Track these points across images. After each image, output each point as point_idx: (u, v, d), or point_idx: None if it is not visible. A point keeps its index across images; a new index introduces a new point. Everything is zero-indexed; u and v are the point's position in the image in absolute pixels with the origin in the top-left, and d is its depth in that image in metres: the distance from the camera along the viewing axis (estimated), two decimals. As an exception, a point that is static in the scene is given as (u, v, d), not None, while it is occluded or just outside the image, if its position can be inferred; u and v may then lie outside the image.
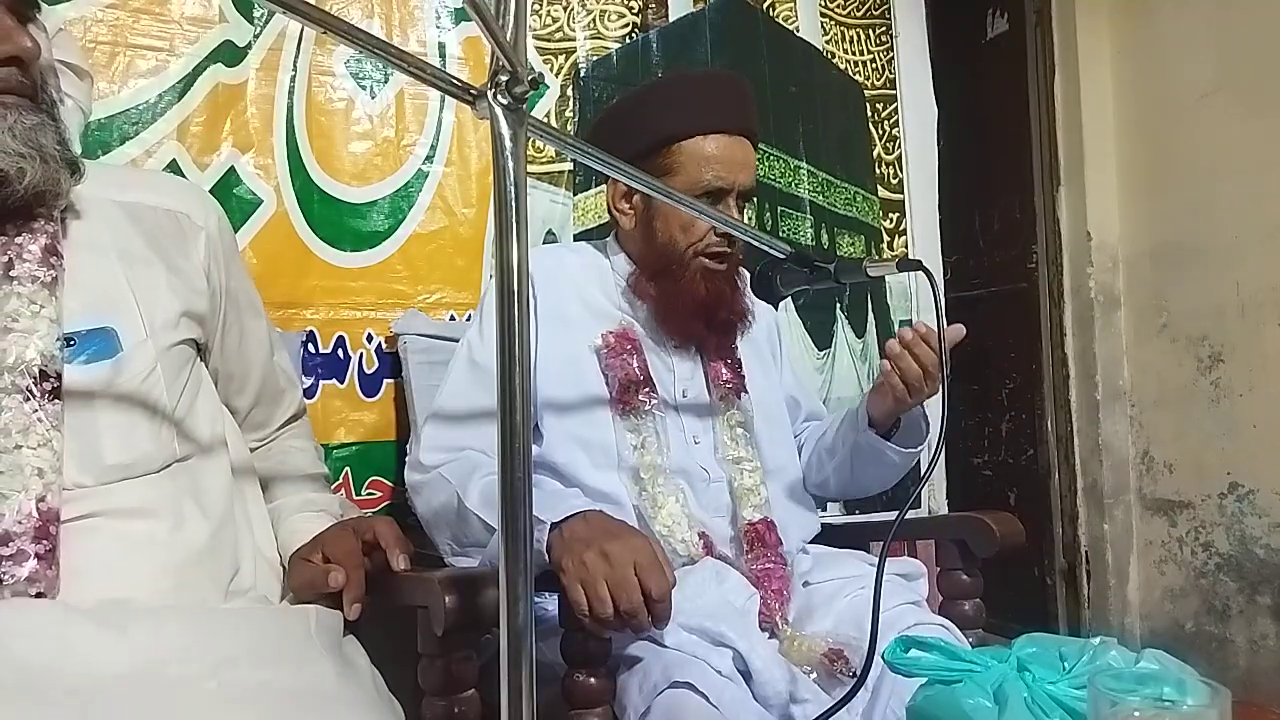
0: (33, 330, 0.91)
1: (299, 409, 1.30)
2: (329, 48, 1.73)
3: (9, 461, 0.88)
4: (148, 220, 1.07)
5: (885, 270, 1.26)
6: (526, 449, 0.66)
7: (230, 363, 1.17)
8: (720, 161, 1.34)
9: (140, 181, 1.16)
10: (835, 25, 2.33)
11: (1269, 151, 2.35)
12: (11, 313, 0.91)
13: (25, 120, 0.90)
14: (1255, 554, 2.44)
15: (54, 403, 0.91)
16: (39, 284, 0.93)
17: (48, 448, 0.90)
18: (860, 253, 2.31)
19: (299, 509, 1.15)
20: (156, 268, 1.04)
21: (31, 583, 0.86)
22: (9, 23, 0.89)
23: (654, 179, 1.31)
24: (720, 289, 1.36)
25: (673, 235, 1.35)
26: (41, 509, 0.88)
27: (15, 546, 0.86)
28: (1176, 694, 0.69)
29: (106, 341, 0.97)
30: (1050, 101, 2.88)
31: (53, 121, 0.93)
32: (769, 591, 1.25)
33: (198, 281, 1.09)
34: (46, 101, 0.94)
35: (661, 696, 1.03)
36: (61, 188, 0.93)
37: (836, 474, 1.50)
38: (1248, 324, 2.44)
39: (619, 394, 1.32)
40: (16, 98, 0.90)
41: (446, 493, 1.24)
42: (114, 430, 0.96)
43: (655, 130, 1.36)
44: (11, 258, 0.93)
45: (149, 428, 0.99)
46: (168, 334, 1.03)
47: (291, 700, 0.78)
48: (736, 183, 1.35)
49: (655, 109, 1.39)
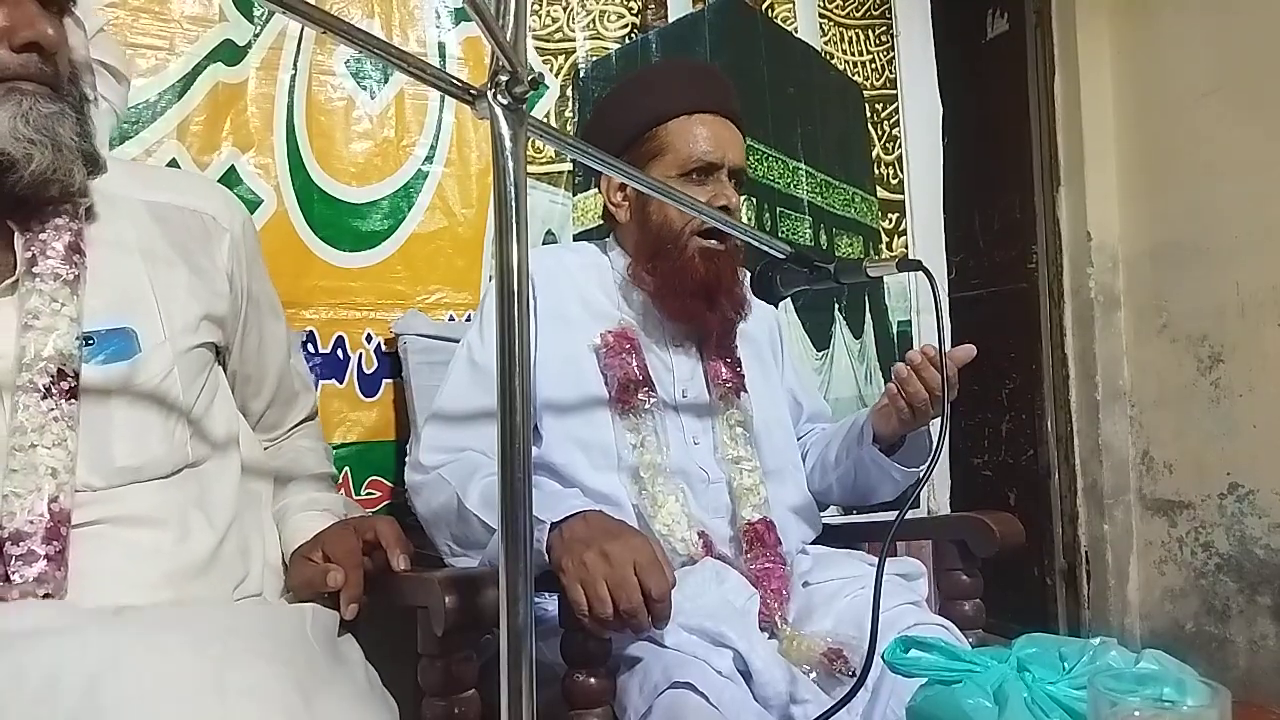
0: (53, 328, 0.91)
1: (311, 411, 1.30)
2: (329, 47, 1.73)
3: (23, 460, 0.88)
4: (173, 220, 1.06)
5: (885, 270, 1.25)
6: (526, 449, 0.66)
7: (248, 365, 1.17)
8: (708, 138, 1.34)
9: (167, 180, 1.16)
10: (834, 26, 2.33)
11: (1269, 151, 2.35)
12: (33, 310, 0.91)
13: (41, 108, 0.89)
14: (1255, 554, 2.44)
15: (70, 402, 0.91)
16: (61, 281, 0.93)
17: (62, 447, 0.89)
18: (859, 253, 2.31)
19: (303, 508, 1.15)
20: (179, 269, 1.04)
21: (40, 583, 0.86)
22: (32, 9, 0.89)
23: (647, 167, 1.33)
24: (719, 269, 1.36)
25: (668, 216, 1.35)
26: (53, 509, 0.88)
27: (26, 546, 0.86)
28: (1176, 694, 0.69)
29: (125, 342, 0.97)
30: (1050, 101, 2.88)
31: (75, 113, 0.92)
32: (768, 591, 1.25)
33: (220, 284, 1.09)
34: (74, 95, 0.93)
35: (662, 697, 1.03)
36: (74, 179, 0.92)
37: (839, 484, 1.51)
38: (1248, 324, 2.44)
39: (618, 394, 1.32)
40: (36, 85, 0.89)
41: (446, 494, 1.24)
42: (127, 432, 0.96)
43: (641, 114, 1.37)
44: (35, 254, 0.93)
45: (162, 431, 0.99)
46: (187, 337, 1.03)
47: (285, 694, 0.78)
48: (727, 158, 1.35)
49: (639, 95, 1.41)
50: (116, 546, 0.92)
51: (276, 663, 0.81)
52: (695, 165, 1.34)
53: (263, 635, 0.86)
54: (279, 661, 0.82)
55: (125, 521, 0.93)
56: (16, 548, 0.86)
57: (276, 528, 1.13)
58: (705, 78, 1.43)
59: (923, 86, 2.41)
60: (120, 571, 0.91)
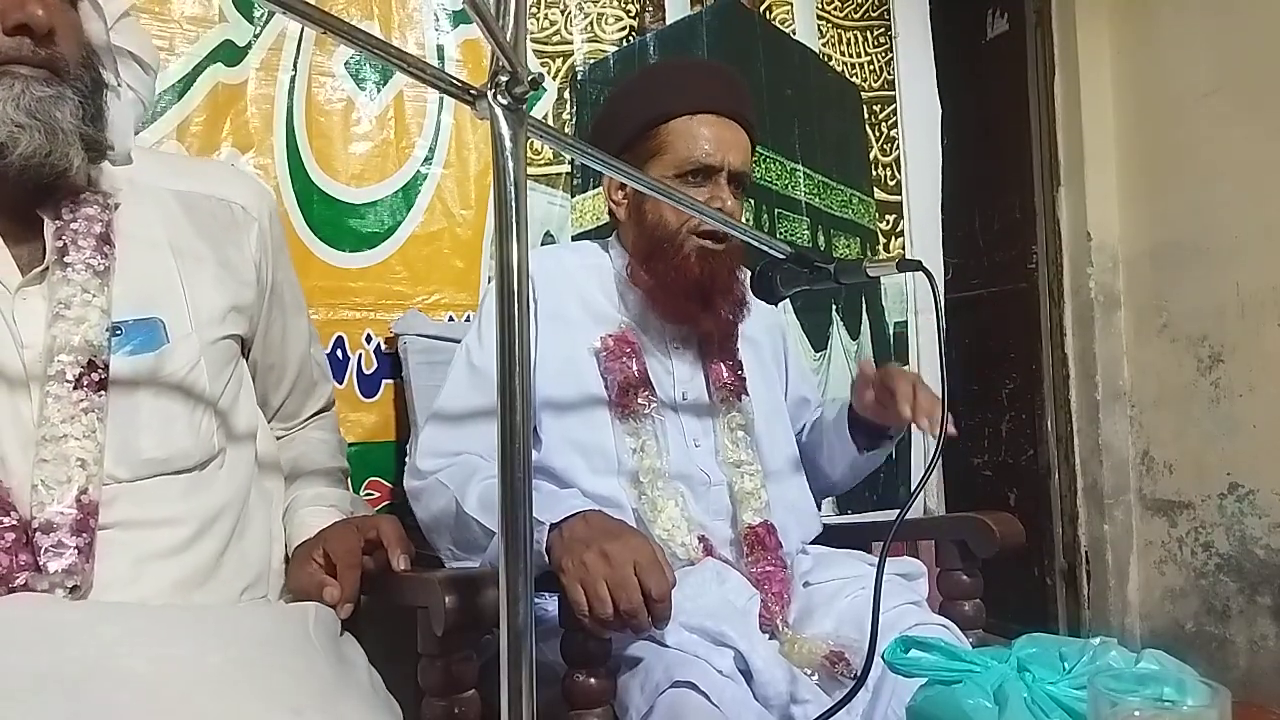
0: (83, 319, 0.91)
1: (329, 401, 1.30)
2: (329, 48, 1.74)
3: (54, 451, 0.88)
4: (202, 210, 1.07)
5: (885, 271, 1.25)
6: (526, 449, 0.66)
7: (270, 354, 1.17)
8: (709, 140, 1.32)
9: (196, 169, 1.16)
10: (832, 28, 2.34)
11: (1269, 151, 2.35)
12: (64, 299, 0.91)
13: (35, 91, 0.88)
14: (1255, 554, 2.44)
15: (100, 394, 0.91)
16: (92, 272, 0.93)
17: (92, 439, 0.90)
18: (856, 254, 2.31)
19: (310, 502, 1.15)
20: (206, 260, 1.04)
21: (70, 574, 0.86)
22: None
23: (647, 165, 1.32)
24: (715, 269, 1.34)
25: (663, 215, 1.34)
26: (82, 501, 0.88)
27: (56, 538, 0.86)
28: (1176, 694, 0.69)
29: (153, 332, 0.97)
30: (1050, 101, 2.88)
31: (79, 97, 0.91)
32: (769, 594, 1.25)
33: (246, 274, 1.09)
34: (85, 79, 0.92)
35: (664, 696, 1.03)
36: (70, 162, 0.91)
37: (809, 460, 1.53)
38: (1248, 324, 2.44)
39: (618, 397, 1.31)
40: (31, 68, 0.88)
41: (445, 498, 1.23)
42: (154, 423, 0.96)
43: (645, 111, 1.36)
44: (66, 243, 0.93)
45: (188, 423, 0.99)
46: (213, 328, 1.03)
47: (289, 696, 0.78)
48: (726, 161, 1.33)
49: (645, 92, 1.40)
50: (133, 545, 0.92)
51: (278, 664, 0.81)
52: (693, 166, 1.32)
53: (266, 638, 0.86)
54: (281, 663, 0.82)
55: (143, 519, 0.93)
56: (47, 538, 0.86)
57: (284, 529, 1.14)
58: (714, 78, 1.41)
59: (921, 88, 2.42)
60: (134, 571, 0.92)
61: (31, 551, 0.86)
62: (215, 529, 0.99)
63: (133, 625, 0.82)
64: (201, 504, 0.98)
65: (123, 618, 0.83)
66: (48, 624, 0.80)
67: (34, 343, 0.91)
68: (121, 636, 0.79)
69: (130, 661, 0.76)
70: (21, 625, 0.79)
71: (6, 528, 0.86)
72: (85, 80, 0.92)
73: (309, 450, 1.22)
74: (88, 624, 0.80)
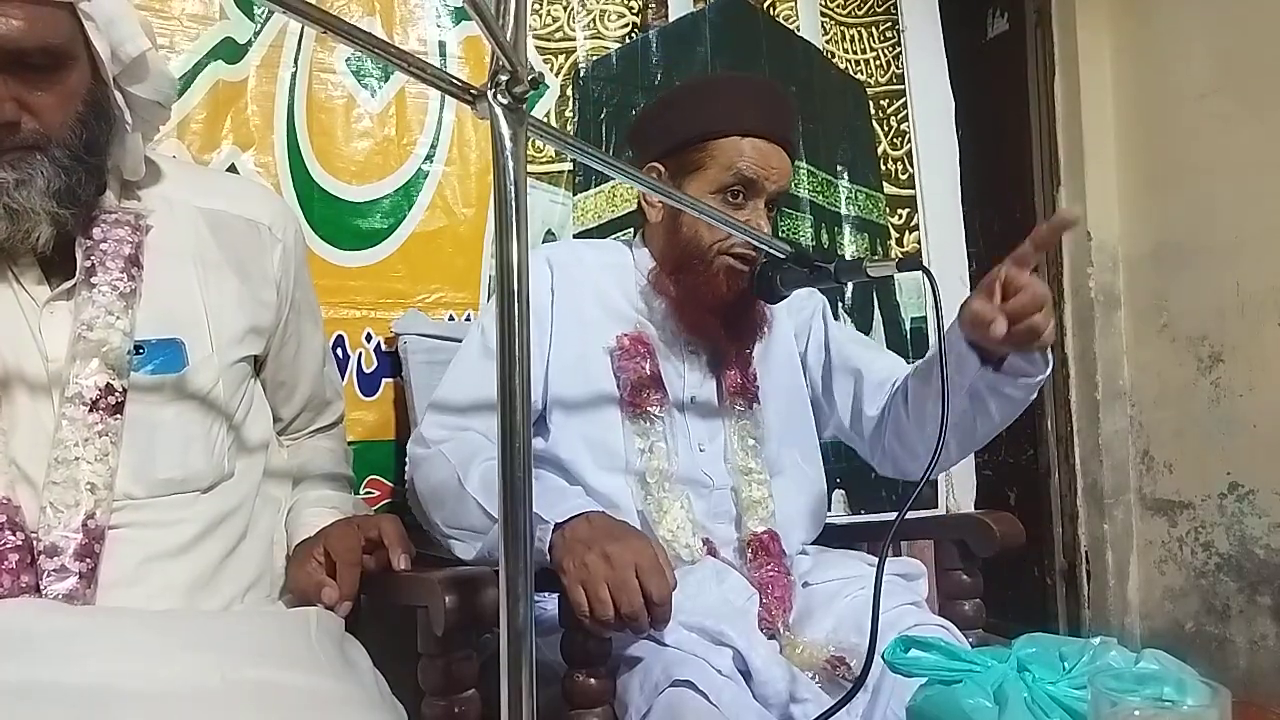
0: (105, 342, 0.92)
1: (338, 418, 1.31)
2: (330, 46, 1.73)
3: (65, 474, 0.88)
4: (227, 229, 1.07)
5: (885, 270, 1.26)
6: (527, 449, 0.66)
7: (283, 372, 1.18)
8: (757, 163, 1.31)
9: (224, 187, 1.16)
10: (836, 25, 2.33)
11: (1269, 151, 2.35)
12: (88, 321, 0.92)
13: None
14: (1255, 554, 2.44)
15: (115, 417, 0.91)
16: (117, 294, 0.93)
17: (104, 463, 0.90)
18: (865, 250, 2.29)
19: (312, 504, 1.16)
20: (229, 280, 1.05)
21: (71, 599, 0.87)
22: None
23: (689, 178, 1.32)
24: (742, 290, 1.34)
25: (698, 231, 1.33)
26: (89, 526, 0.88)
27: (59, 562, 0.87)
28: (1176, 694, 0.69)
29: (174, 353, 0.98)
30: (1050, 101, 2.88)
31: (55, 167, 0.89)
32: (771, 599, 1.25)
33: (267, 294, 1.09)
34: (72, 144, 0.91)
35: (663, 695, 1.03)
36: (36, 238, 0.90)
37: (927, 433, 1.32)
38: (1248, 324, 2.44)
39: (629, 396, 1.31)
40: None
41: (446, 471, 1.22)
42: (172, 444, 0.96)
43: (695, 124, 1.34)
44: (94, 263, 0.93)
45: (204, 444, 0.99)
46: (232, 350, 1.04)
47: (294, 701, 0.78)
48: (768, 184, 1.32)
49: (698, 105, 1.37)
50: (140, 554, 0.93)
51: (282, 670, 0.81)
52: (734, 185, 1.31)
53: (267, 651, 0.86)
54: (286, 669, 0.82)
55: (149, 521, 0.94)
56: (50, 561, 0.86)
57: (285, 530, 1.14)
58: (768, 100, 1.38)
59: (933, 80, 2.38)
60: (139, 570, 0.92)
61: (34, 574, 0.86)
62: (220, 532, 0.99)
63: (132, 639, 0.82)
64: (208, 509, 0.99)
65: (121, 630, 0.83)
66: (47, 634, 0.80)
67: (57, 355, 0.92)
68: (120, 650, 0.79)
69: (131, 683, 0.76)
70: (20, 635, 0.79)
71: (12, 547, 0.86)
72: (73, 144, 0.91)
73: (315, 457, 1.23)
74: (87, 635, 0.80)
